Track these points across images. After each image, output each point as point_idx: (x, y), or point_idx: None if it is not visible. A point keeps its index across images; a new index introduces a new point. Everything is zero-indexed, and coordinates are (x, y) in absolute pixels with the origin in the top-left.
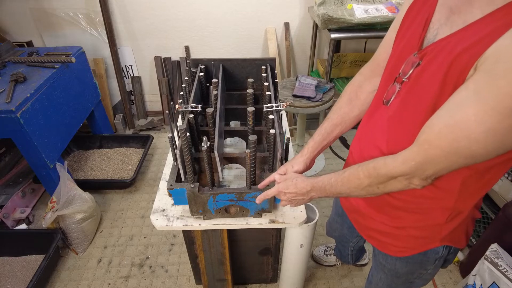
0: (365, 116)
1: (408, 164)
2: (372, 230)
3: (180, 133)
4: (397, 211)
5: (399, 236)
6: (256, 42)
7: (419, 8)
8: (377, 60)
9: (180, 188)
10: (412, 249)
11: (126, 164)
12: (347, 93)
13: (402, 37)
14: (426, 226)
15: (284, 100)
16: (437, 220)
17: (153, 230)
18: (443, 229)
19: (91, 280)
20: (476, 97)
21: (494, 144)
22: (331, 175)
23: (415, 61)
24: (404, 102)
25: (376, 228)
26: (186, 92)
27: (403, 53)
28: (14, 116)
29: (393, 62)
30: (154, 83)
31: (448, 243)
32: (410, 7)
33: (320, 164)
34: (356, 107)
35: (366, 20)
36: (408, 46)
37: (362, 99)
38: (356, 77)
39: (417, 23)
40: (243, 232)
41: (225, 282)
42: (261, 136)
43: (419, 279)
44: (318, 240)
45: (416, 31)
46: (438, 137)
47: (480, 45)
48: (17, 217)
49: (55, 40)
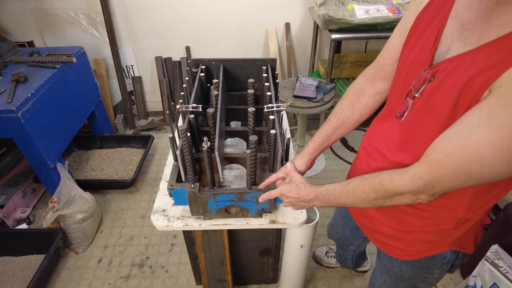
0: (375, 124)
1: (416, 183)
2: (379, 233)
3: (180, 133)
4: (405, 216)
5: (406, 240)
6: (257, 42)
7: (430, 19)
8: (380, 63)
9: (181, 188)
10: (420, 253)
11: (127, 164)
12: (349, 96)
13: (412, 49)
14: (435, 231)
15: (285, 100)
16: (446, 226)
17: (154, 230)
18: (452, 234)
19: (92, 280)
20: (490, 122)
21: (508, 169)
22: (335, 185)
23: (426, 76)
24: (417, 117)
25: (383, 231)
26: (186, 92)
27: (413, 66)
28: (15, 116)
29: (404, 76)
30: (155, 83)
31: (456, 248)
32: (418, 16)
33: (320, 164)
34: (358, 110)
35: (367, 21)
36: (418, 60)
37: (364, 102)
38: (358, 79)
39: (427, 35)
40: (243, 232)
41: (225, 283)
42: (262, 136)
43: (424, 283)
44: (318, 241)
45: (427, 44)
46: (448, 158)
47: (495, 69)
48: (18, 217)
49: (56, 40)
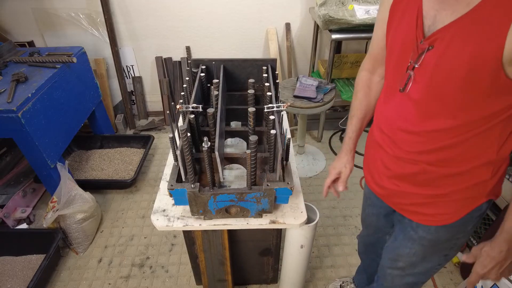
0: (381, 107)
1: None
2: (415, 205)
3: (181, 133)
4: (444, 179)
5: (446, 203)
6: (257, 42)
7: (406, 4)
8: (373, 55)
9: (181, 188)
10: (459, 212)
11: (127, 164)
12: (360, 88)
13: (396, 30)
14: (473, 186)
15: (285, 100)
16: (483, 177)
17: (154, 230)
18: (488, 185)
19: (92, 280)
20: None
21: None
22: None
23: (423, 47)
24: (431, 82)
25: (421, 201)
26: (187, 93)
27: (405, 43)
28: (15, 116)
29: (397, 54)
30: (155, 83)
31: (492, 197)
32: (393, 5)
33: (320, 165)
34: (373, 97)
35: (367, 21)
36: (408, 37)
37: (374, 90)
38: (362, 73)
39: (408, 16)
40: (243, 232)
41: (225, 283)
42: (262, 136)
43: (460, 240)
44: (318, 241)
45: (410, 23)
46: None
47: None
48: (18, 216)
49: (57, 40)
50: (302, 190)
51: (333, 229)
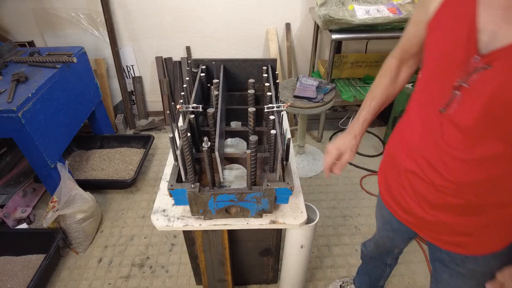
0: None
1: None
2: (457, 235)
3: (181, 133)
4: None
5: (494, 229)
6: (257, 42)
7: (457, 10)
8: (404, 48)
9: (181, 188)
10: (510, 235)
11: (127, 164)
12: (387, 73)
13: (444, 41)
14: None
15: (285, 100)
16: None
17: (154, 230)
18: None
19: (92, 280)
20: None
21: None
22: None
23: (477, 65)
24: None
25: (465, 231)
26: (187, 93)
27: (449, 58)
28: (15, 116)
29: (437, 67)
30: (155, 83)
31: None
32: (439, 11)
33: (320, 165)
34: (398, 86)
35: (367, 21)
36: (455, 52)
37: (401, 79)
38: (391, 60)
39: (457, 28)
40: (243, 232)
41: (225, 283)
42: (262, 136)
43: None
44: (318, 241)
45: (459, 36)
46: None
47: None
48: (18, 216)
49: (57, 40)
50: (302, 190)
51: (333, 229)
